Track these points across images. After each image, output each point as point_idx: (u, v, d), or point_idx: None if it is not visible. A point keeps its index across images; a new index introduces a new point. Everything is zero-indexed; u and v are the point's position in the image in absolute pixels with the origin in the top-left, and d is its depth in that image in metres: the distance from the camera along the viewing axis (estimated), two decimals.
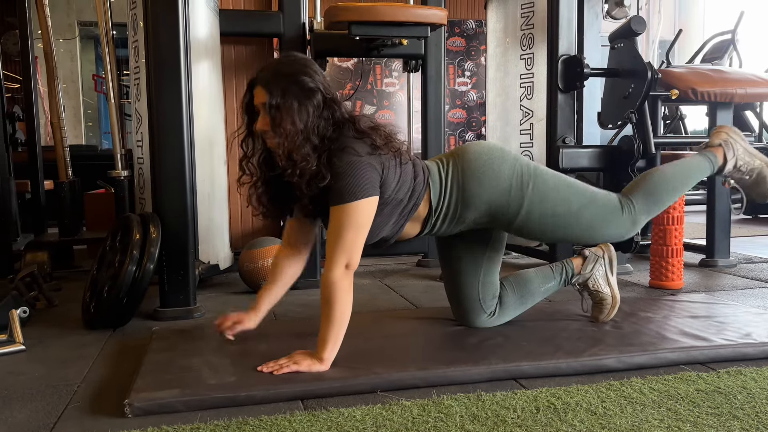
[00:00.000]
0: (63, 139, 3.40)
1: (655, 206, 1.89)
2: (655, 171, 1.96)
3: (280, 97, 1.55)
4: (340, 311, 1.56)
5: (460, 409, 1.36)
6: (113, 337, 2.04)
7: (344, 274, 1.56)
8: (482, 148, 1.80)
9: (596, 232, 1.83)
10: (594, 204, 1.81)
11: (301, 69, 1.59)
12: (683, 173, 1.95)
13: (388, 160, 1.63)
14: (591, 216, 1.80)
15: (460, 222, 1.79)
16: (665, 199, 1.91)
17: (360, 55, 3.15)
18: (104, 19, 2.82)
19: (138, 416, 1.37)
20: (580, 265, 1.98)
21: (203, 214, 2.65)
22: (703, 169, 1.97)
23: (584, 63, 2.79)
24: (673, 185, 1.91)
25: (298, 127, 1.55)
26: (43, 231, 3.62)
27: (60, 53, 7.38)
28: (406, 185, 1.68)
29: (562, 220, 1.78)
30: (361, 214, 1.57)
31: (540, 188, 1.76)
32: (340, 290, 1.55)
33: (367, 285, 2.80)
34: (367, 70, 7.40)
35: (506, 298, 1.93)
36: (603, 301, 1.96)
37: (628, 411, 1.34)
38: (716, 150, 1.99)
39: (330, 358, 1.56)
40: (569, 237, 1.85)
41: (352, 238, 1.56)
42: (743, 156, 1.98)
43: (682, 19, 8.41)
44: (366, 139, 1.61)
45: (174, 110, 2.20)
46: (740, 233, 4.41)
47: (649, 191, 1.88)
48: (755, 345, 1.71)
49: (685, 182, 1.94)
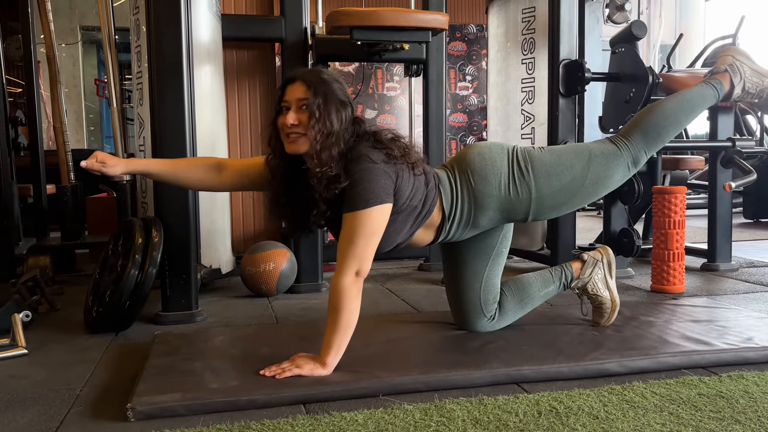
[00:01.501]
0: (65, 144, 3.41)
1: (656, 141, 1.86)
2: (656, 106, 1.91)
3: (324, 96, 1.58)
4: (347, 317, 1.56)
5: (462, 413, 1.36)
6: (115, 341, 2.04)
7: (354, 281, 1.56)
8: (481, 147, 1.81)
9: (604, 183, 1.83)
10: (594, 158, 1.81)
11: (337, 80, 1.64)
12: (686, 105, 1.90)
13: (402, 169, 1.64)
14: (596, 170, 1.81)
15: (474, 226, 1.80)
16: (666, 133, 1.87)
17: (361, 60, 3.17)
18: (107, 24, 2.83)
19: (140, 420, 1.37)
20: (579, 269, 1.98)
21: (205, 218, 2.65)
22: (707, 97, 1.92)
23: (585, 67, 2.80)
24: (676, 118, 1.87)
25: (335, 127, 1.58)
26: (46, 235, 3.63)
27: (62, 58, 7.40)
28: (420, 192, 1.69)
29: (572, 187, 1.79)
30: (373, 222, 1.57)
31: (539, 167, 1.77)
32: (349, 297, 1.55)
33: (368, 289, 2.80)
34: (369, 75, 7.41)
35: (506, 303, 1.94)
36: (602, 305, 1.96)
37: (630, 415, 1.34)
38: (721, 76, 1.94)
39: (333, 363, 1.56)
40: (584, 200, 1.84)
41: (364, 245, 1.57)
42: (751, 77, 1.93)
43: (682, 24, 8.42)
44: (383, 150, 1.62)
45: (176, 114, 2.21)
46: (742, 237, 4.40)
47: (648, 128, 1.85)
48: (757, 349, 1.71)
49: (688, 114, 1.90)
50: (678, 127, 1.89)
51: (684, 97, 1.92)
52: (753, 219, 5.42)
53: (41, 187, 3.69)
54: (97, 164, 1.78)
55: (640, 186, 2.78)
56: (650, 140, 1.85)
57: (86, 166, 1.78)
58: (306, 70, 1.66)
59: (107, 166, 1.79)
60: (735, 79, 1.93)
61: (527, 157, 1.79)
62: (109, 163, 1.79)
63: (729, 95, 1.94)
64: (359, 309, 1.58)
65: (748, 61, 1.96)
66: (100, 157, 1.79)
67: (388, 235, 1.65)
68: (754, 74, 1.95)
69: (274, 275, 2.61)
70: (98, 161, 1.78)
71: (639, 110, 2.74)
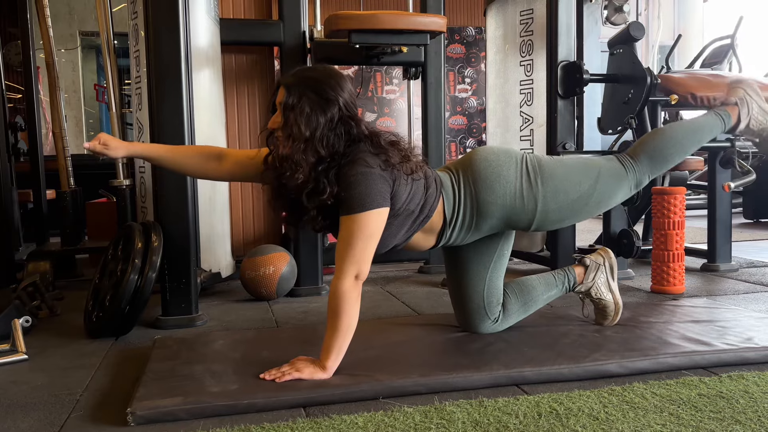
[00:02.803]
0: (65, 149, 3.41)
1: (660, 166, 1.90)
2: (664, 131, 1.95)
3: (296, 99, 1.57)
4: (346, 321, 1.56)
5: (462, 416, 1.36)
6: (115, 345, 2.04)
7: (354, 284, 1.56)
8: (488, 153, 1.80)
9: (606, 203, 1.87)
10: (602, 176, 1.83)
11: (324, 79, 1.61)
12: (693, 132, 1.94)
13: (399, 174, 1.63)
14: (602, 190, 1.83)
15: (476, 231, 1.80)
16: (672, 159, 1.91)
17: (360, 63, 3.17)
18: (106, 29, 2.84)
19: (140, 425, 1.37)
20: (582, 274, 1.98)
21: (205, 222, 2.65)
22: (715, 128, 1.97)
23: (583, 69, 2.80)
24: (682, 146, 1.91)
25: (303, 132, 1.55)
26: (45, 240, 3.63)
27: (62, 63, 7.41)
28: (418, 197, 1.68)
29: (577, 204, 1.80)
30: (371, 224, 1.57)
31: (549, 182, 1.77)
32: (349, 300, 1.55)
33: (369, 292, 2.80)
34: (368, 78, 7.42)
35: (509, 305, 1.94)
36: (606, 308, 1.97)
37: (630, 416, 1.34)
38: (731, 109, 1.99)
39: (333, 367, 1.56)
40: (585, 216, 1.87)
41: (362, 249, 1.56)
42: (757, 115, 1.98)
43: (681, 25, 8.43)
44: (381, 155, 1.60)
45: (175, 119, 2.21)
46: (742, 237, 4.40)
47: (655, 152, 1.89)
48: (757, 349, 1.71)
49: (694, 142, 1.94)
50: (683, 154, 1.93)
51: (693, 125, 1.98)
52: (753, 219, 5.42)
53: (41, 193, 3.69)
54: (99, 146, 1.81)
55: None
56: (655, 164, 1.90)
57: (90, 147, 1.81)
58: (295, 71, 1.65)
59: (110, 148, 1.83)
60: (743, 114, 1.99)
61: (537, 169, 1.78)
62: (112, 145, 1.83)
63: (734, 128, 2.00)
64: (359, 313, 1.58)
65: (757, 97, 2.02)
66: (103, 138, 1.83)
67: (384, 238, 1.64)
68: (760, 112, 2.01)
69: (274, 279, 2.61)
70: (101, 143, 1.82)
71: (637, 113, 2.75)
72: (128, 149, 1.88)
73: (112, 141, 1.83)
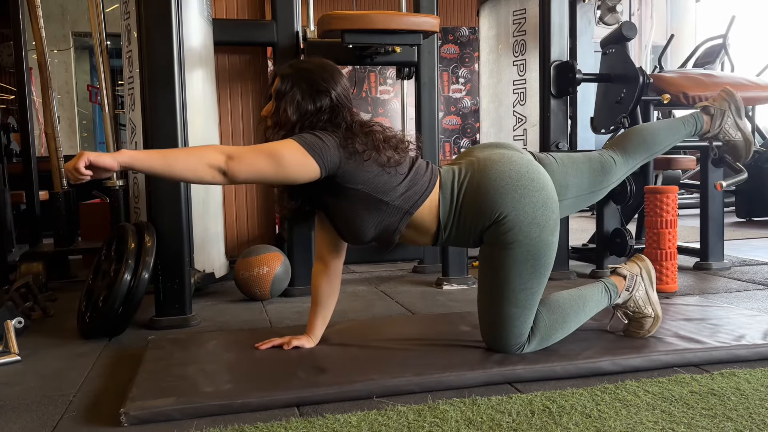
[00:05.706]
0: (58, 150, 3.40)
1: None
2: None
3: (288, 87, 1.63)
4: (183, 158, 1.49)
5: (455, 414, 1.37)
6: (109, 346, 2.03)
7: (222, 157, 1.48)
8: (509, 169, 1.64)
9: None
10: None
11: (318, 71, 1.65)
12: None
13: (358, 158, 1.57)
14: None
15: (473, 233, 1.68)
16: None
17: (354, 63, 3.17)
18: (98, 30, 2.83)
19: (134, 425, 1.37)
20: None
21: (198, 222, 2.65)
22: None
23: (576, 68, 2.81)
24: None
25: (290, 117, 1.61)
26: (38, 241, 3.62)
27: (54, 64, 7.39)
28: (390, 189, 1.61)
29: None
30: (284, 149, 1.53)
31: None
32: (206, 153, 1.48)
33: (362, 291, 2.80)
34: (362, 78, 7.43)
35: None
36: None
37: (623, 413, 1.35)
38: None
39: (126, 161, 1.45)
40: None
41: (257, 155, 1.52)
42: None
43: (674, 25, 8.46)
44: (348, 138, 1.58)
45: (168, 119, 2.21)
46: (734, 236, 4.43)
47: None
48: (748, 347, 1.72)
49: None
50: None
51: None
52: (745, 218, 5.45)
53: (34, 194, 3.68)
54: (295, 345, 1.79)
55: (633, 186, 2.79)
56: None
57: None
58: (292, 62, 1.72)
59: (304, 345, 1.80)
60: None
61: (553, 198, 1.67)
62: (304, 343, 1.80)
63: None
64: (198, 167, 1.48)
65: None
66: (294, 342, 1.80)
67: (351, 218, 1.62)
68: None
69: (267, 279, 2.61)
70: (293, 344, 1.79)
71: (630, 112, 2.77)
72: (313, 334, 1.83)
73: (302, 340, 1.80)
